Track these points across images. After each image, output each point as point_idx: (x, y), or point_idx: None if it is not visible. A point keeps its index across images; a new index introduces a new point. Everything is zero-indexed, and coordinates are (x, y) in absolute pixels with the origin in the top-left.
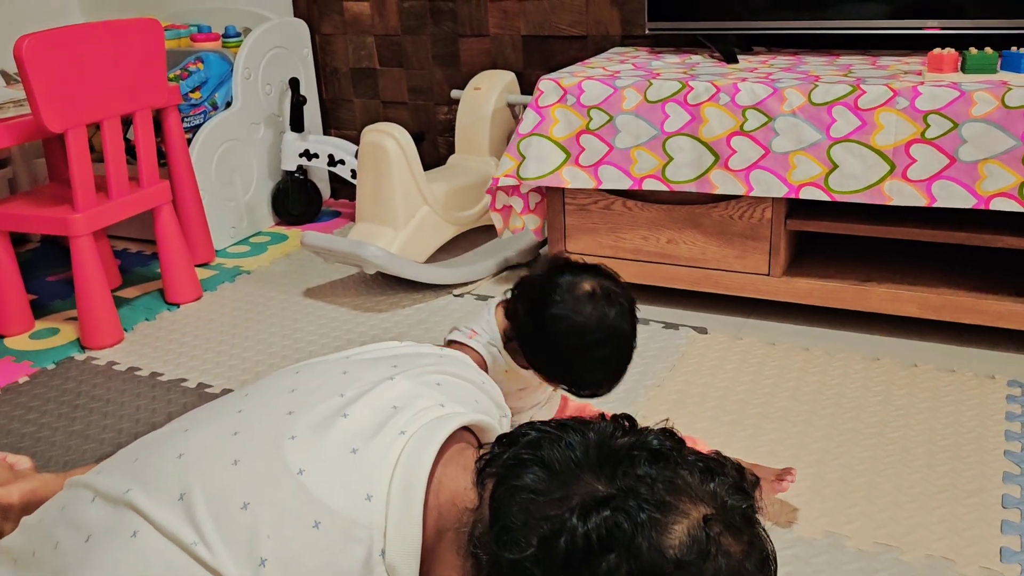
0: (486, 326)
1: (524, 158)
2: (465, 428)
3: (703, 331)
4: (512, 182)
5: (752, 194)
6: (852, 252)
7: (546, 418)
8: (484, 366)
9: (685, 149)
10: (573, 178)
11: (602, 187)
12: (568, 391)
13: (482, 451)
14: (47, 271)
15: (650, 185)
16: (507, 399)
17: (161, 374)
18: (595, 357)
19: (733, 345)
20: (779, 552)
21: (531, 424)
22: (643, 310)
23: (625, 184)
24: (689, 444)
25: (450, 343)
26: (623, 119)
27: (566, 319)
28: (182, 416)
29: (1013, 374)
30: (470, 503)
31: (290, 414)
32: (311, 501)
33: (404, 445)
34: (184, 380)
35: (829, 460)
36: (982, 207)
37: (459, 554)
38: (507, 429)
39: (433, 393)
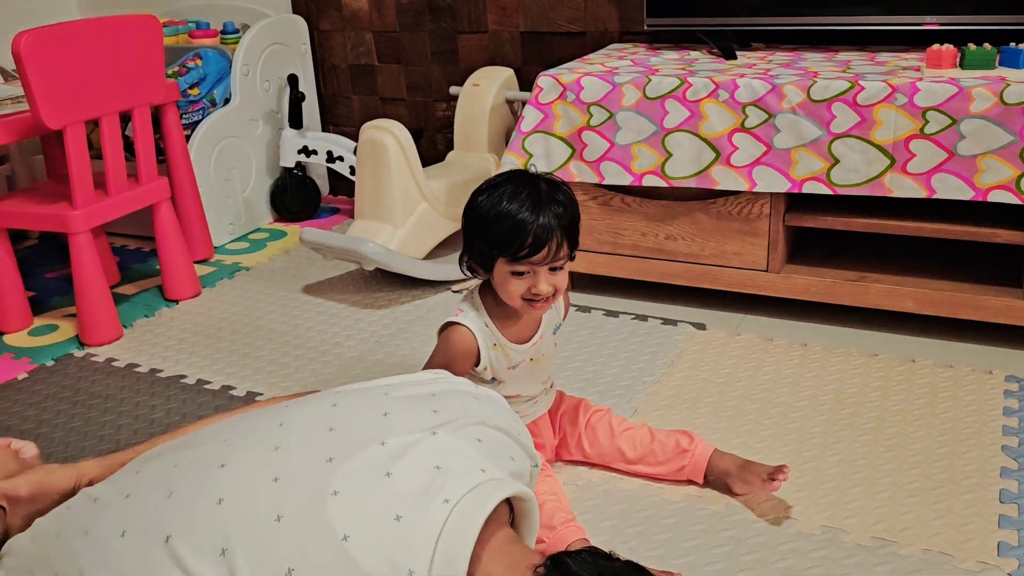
0: (470, 301)
1: (531, 155)
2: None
3: (701, 327)
4: None
5: (755, 189)
6: (850, 248)
7: (543, 411)
8: (476, 348)
9: (685, 145)
10: (579, 172)
11: (604, 183)
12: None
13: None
14: (46, 268)
15: (650, 181)
16: (501, 387)
17: (160, 370)
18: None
19: (731, 341)
20: (777, 547)
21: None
22: (641, 306)
23: (626, 180)
24: (686, 443)
25: (444, 327)
26: (623, 116)
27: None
28: (210, 431)
29: (1011, 369)
30: None
31: (330, 461)
32: (356, 571)
33: (447, 516)
34: (183, 376)
35: (827, 455)
36: (980, 199)
37: None
38: (535, 480)
39: (475, 453)
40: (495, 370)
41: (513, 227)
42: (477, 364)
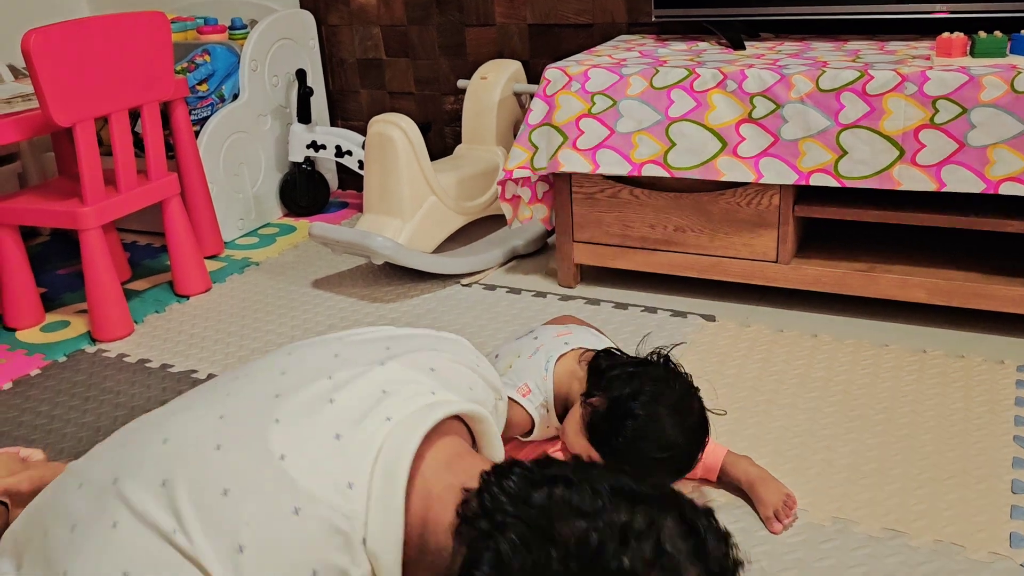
0: (541, 384)
1: (537, 148)
2: (456, 417)
3: (711, 319)
4: (526, 173)
5: (762, 181)
6: (860, 238)
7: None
8: (531, 426)
9: (689, 135)
10: (568, 161)
11: (599, 171)
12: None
13: (467, 494)
14: (57, 264)
15: (650, 171)
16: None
17: (171, 366)
18: (658, 467)
19: (741, 332)
20: (788, 538)
21: (520, 477)
22: (651, 298)
23: (624, 169)
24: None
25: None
26: (627, 104)
27: (643, 439)
28: (175, 399)
29: (1023, 359)
30: (445, 528)
31: (277, 397)
32: (292, 487)
33: (389, 432)
34: (195, 371)
35: (838, 446)
36: (991, 192)
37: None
38: (503, 414)
39: (425, 379)
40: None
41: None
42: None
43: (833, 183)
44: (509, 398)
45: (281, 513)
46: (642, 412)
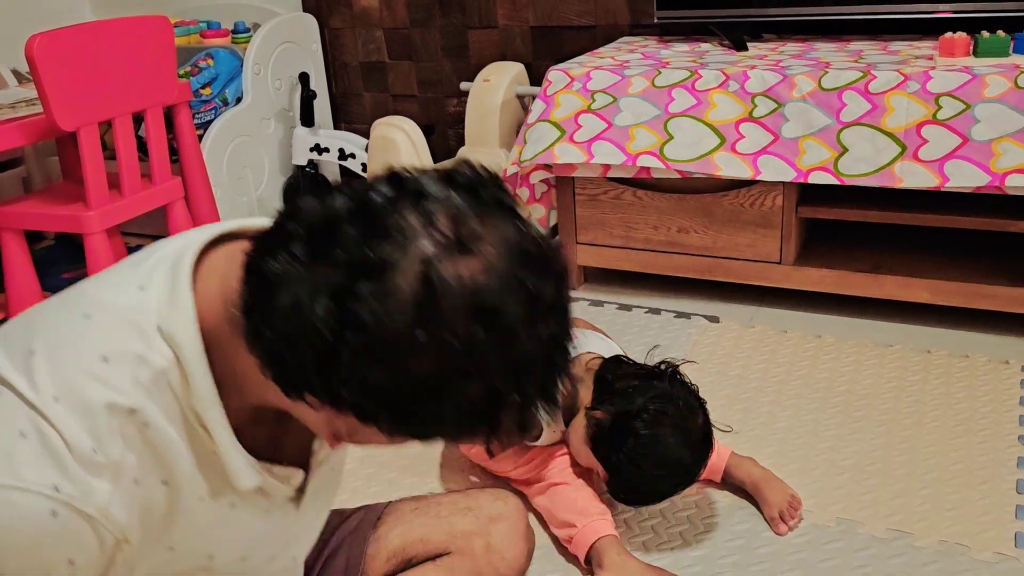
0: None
1: (526, 143)
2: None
3: (715, 320)
4: (515, 169)
5: (759, 178)
6: (863, 239)
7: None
8: (539, 431)
9: (686, 129)
10: (563, 154)
11: (593, 161)
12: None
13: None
14: (62, 268)
15: (646, 162)
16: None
17: None
18: (658, 481)
19: (745, 333)
20: (792, 539)
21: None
22: (654, 300)
23: (619, 160)
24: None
25: None
26: (627, 101)
27: (644, 457)
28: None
29: None
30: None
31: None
32: (82, 297)
33: (179, 244)
34: None
35: (842, 447)
36: (996, 184)
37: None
38: None
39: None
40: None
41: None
42: None
43: (833, 181)
44: None
45: (71, 318)
46: (645, 431)
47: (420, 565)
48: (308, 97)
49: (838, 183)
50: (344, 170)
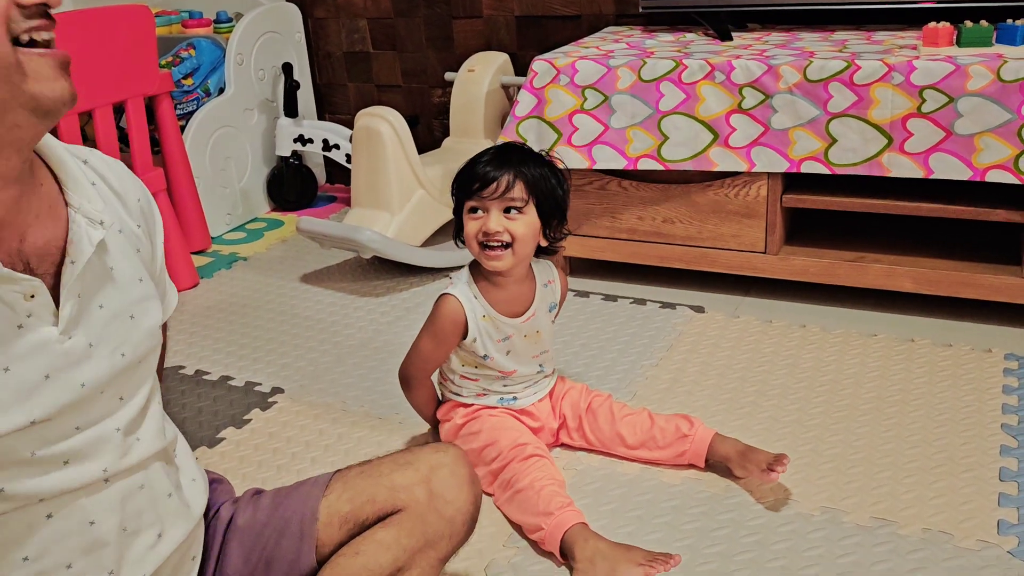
0: (461, 273)
1: (525, 141)
2: None
3: (700, 310)
4: None
5: (754, 170)
6: (848, 228)
7: (543, 394)
8: (464, 318)
9: (681, 128)
10: (564, 158)
11: (596, 167)
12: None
13: None
14: None
15: (646, 165)
16: (493, 362)
17: None
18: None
19: (730, 323)
20: (777, 528)
21: None
22: (640, 290)
23: (620, 164)
24: (686, 428)
25: (441, 296)
26: (618, 99)
27: None
28: None
29: (1010, 347)
30: None
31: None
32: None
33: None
34: (182, 367)
35: (827, 436)
36: (977, 179)
37: None
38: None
39: None
40: (485, 344)
41: (469, 167)
42: (466, 336)
43: (824, 170)
44: (444, 293)
45: None
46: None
47: (370, 528)
48: (291, 87)
49: (829, 172)
50: (328, 161)
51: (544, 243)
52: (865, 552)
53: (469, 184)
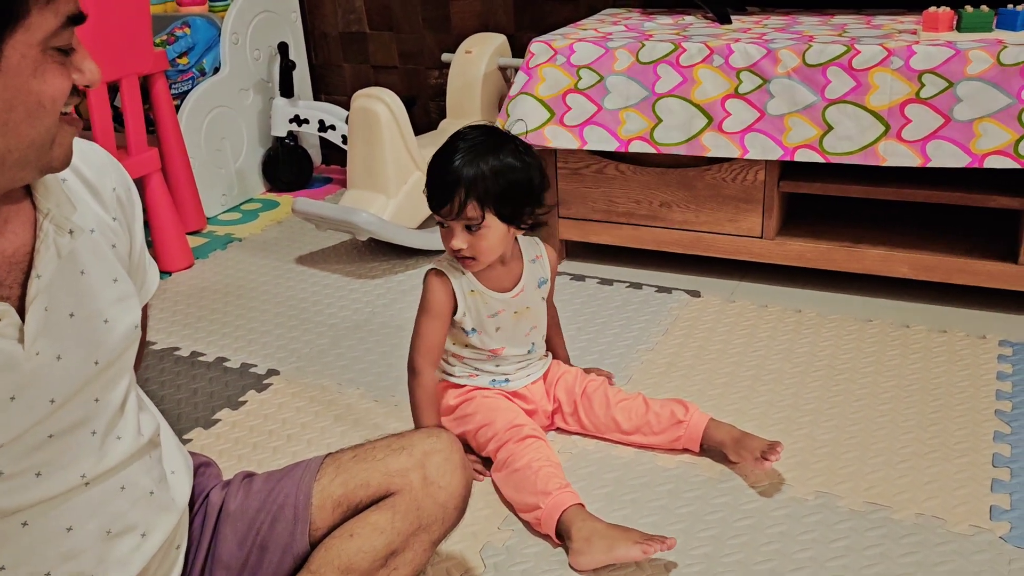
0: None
1: (509, 117)
2: None
3: (696, 294)
4: None
5: (747, 156)
6: (844, 214)
7: (537, 376)
8: (452, 292)
9: (675, 111)
10: (555, 137)
11: (587, 147)
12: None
13: None
14: None
15: (637, 147)
16: (483, 339)
17: (154, 343)
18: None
19: (726, 308)
20: (771, 512)
21: None
22: (636, 274)
23: (611, 145)
24: (681, 413)
25: (428, 272)
26: (613, 80)
27: None
28: None
29: (1004, 334)
30: None
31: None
32: None
33: None
34: (177, 348)
35: (821, 421)
36: (976, 165)
37: None
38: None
39: None
40: (474, 319)
41: (429, 177)
42: (456, 311)
43: (818, 159)
44: (433, 269)
45: None
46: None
47: (364, 511)
48: (287, 67)
49: (823, 161)
50: (324, 142)
51: (520, 233)
52: (858, 536)
53: (428, 197)
